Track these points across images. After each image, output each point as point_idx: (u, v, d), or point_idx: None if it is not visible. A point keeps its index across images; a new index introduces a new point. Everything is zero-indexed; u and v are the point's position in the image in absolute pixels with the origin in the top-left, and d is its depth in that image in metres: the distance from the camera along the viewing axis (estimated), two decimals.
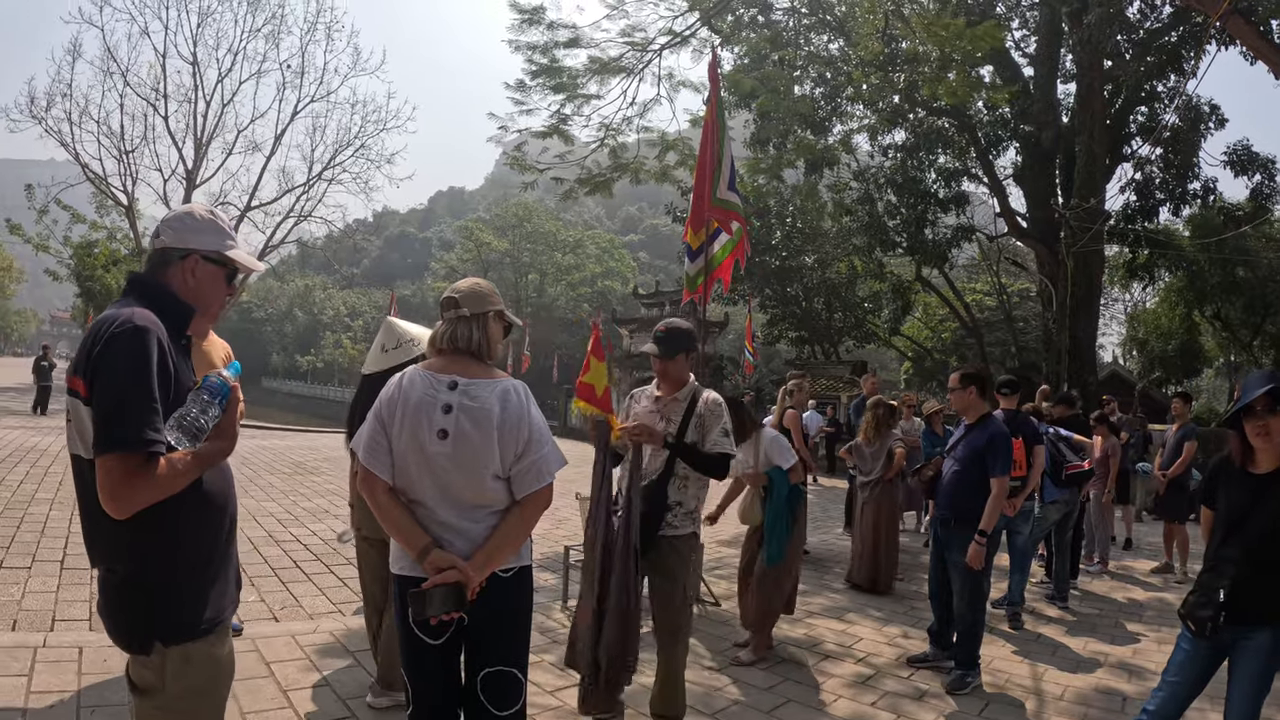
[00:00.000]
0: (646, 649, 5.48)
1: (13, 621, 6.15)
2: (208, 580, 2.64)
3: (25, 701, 4.75)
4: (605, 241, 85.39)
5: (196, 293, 2.80)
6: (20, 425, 20.29)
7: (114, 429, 2.37)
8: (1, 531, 8.76)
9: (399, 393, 3.21)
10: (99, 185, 38.85)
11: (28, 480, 11.98)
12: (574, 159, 18.10)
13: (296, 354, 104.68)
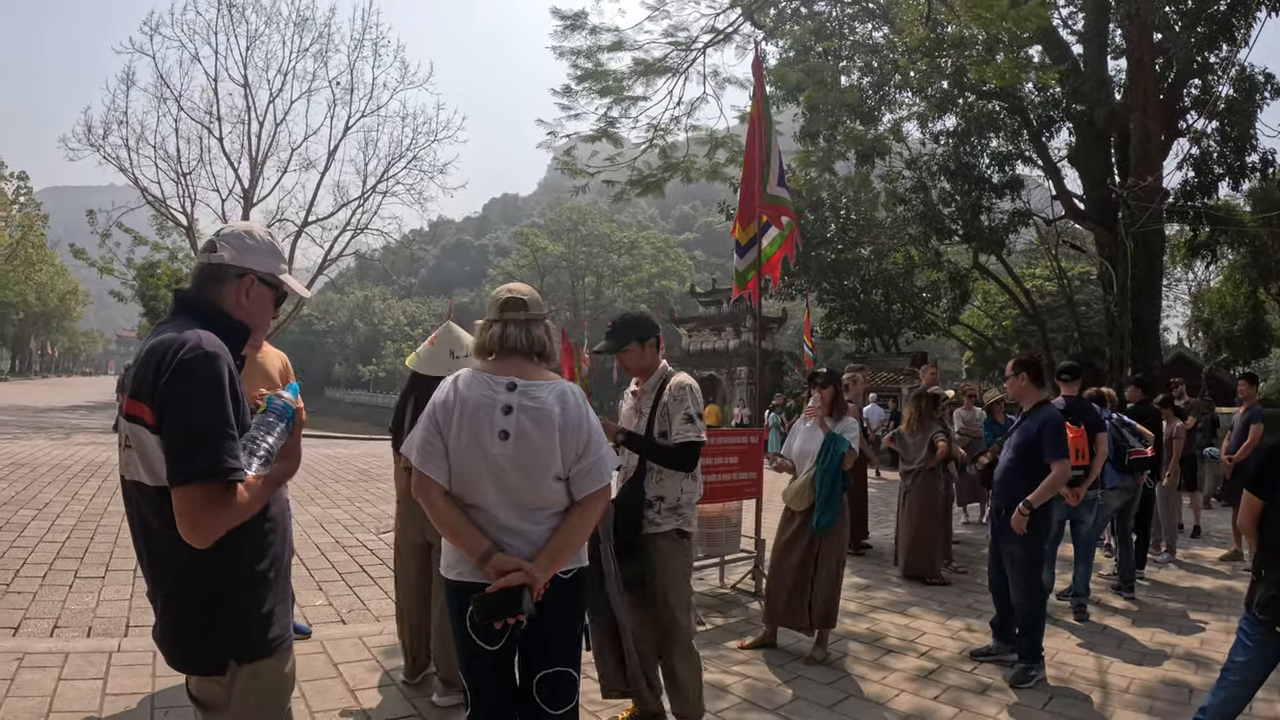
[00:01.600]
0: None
1: (88, 628, 6.35)
2: (274, 598, 2.65)
3: (101, 704, 4.91)
4: (660, 241, 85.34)
5: (248, 313, 2.77)
6: (91, 441, 20.76)
7: (194, 459, 2.34)
8: (76, 543, 9.03)
9: (454, 395, 3.16)
10: (158, 208, 39.70)
11: (100, 494, 12.29)
12: (624, 161, 18.16)
13: (358, 364, 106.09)
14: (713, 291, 41.88)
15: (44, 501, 11.38)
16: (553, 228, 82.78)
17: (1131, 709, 5.74)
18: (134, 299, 46.02)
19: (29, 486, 12.64)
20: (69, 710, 4.80)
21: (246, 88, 40.48)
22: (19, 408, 34.10)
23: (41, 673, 5.29)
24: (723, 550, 8.73)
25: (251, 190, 40.17)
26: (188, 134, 40.76)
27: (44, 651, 5.70)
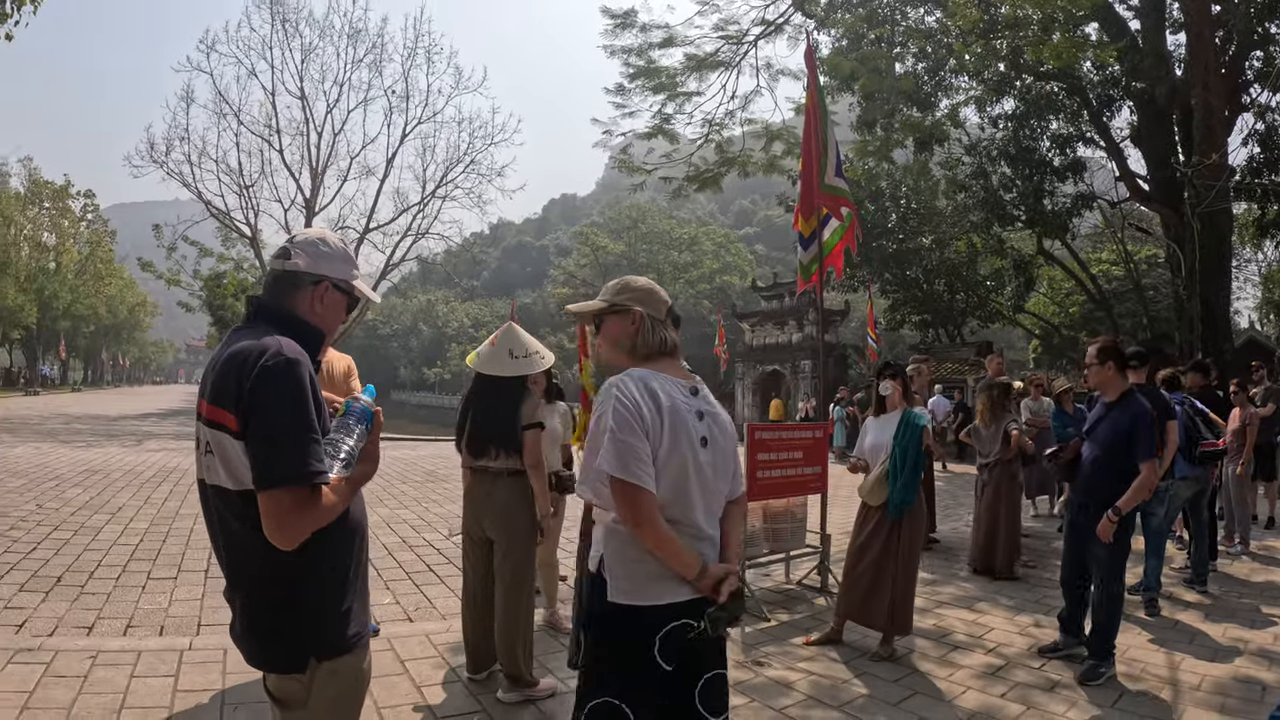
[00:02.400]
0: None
1: (160, 627, 6.51)
2: (352, 596, 2.68)
3: (172, 700, 5.01)
4: (720, 237, 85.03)
5: (322, 319, 2.80)
6: (162, 448, 21.29)
7: (281, 464, 2.37)
8: (149, 545, 9.27)
9: (658, 399, 2.95)
10: (222, 220, 40.53)
11: (171, 498, 12.61)
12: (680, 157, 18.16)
13: (423, 366, 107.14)
14: (774, 285, 41.64)
15: (117, 506, 11.70)
16: (612, 226, 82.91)
17: (1203, 707, 5.57)
18: (201, 309, 47.03)
19: (103, 492, 13.00)
20: (140, 706, 4.90)
21: (304, 100, 41.18)
22: (92, 416, 34.84)
23: (115, 670, 5.41)
24: (788, 546, 8.60)
25: (313, 199, 40.80)
26: (248, 147, 41.78)
27: (117, 650, 5.82)
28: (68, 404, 47.49)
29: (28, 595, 7.17)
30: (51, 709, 4.79)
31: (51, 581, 7.61)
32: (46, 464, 16.48)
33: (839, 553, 8.95)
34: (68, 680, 5.21)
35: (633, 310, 3.13)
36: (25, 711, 4.75)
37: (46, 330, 74.75)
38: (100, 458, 18.12)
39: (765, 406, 37.62)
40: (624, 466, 2.80)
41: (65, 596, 7.18)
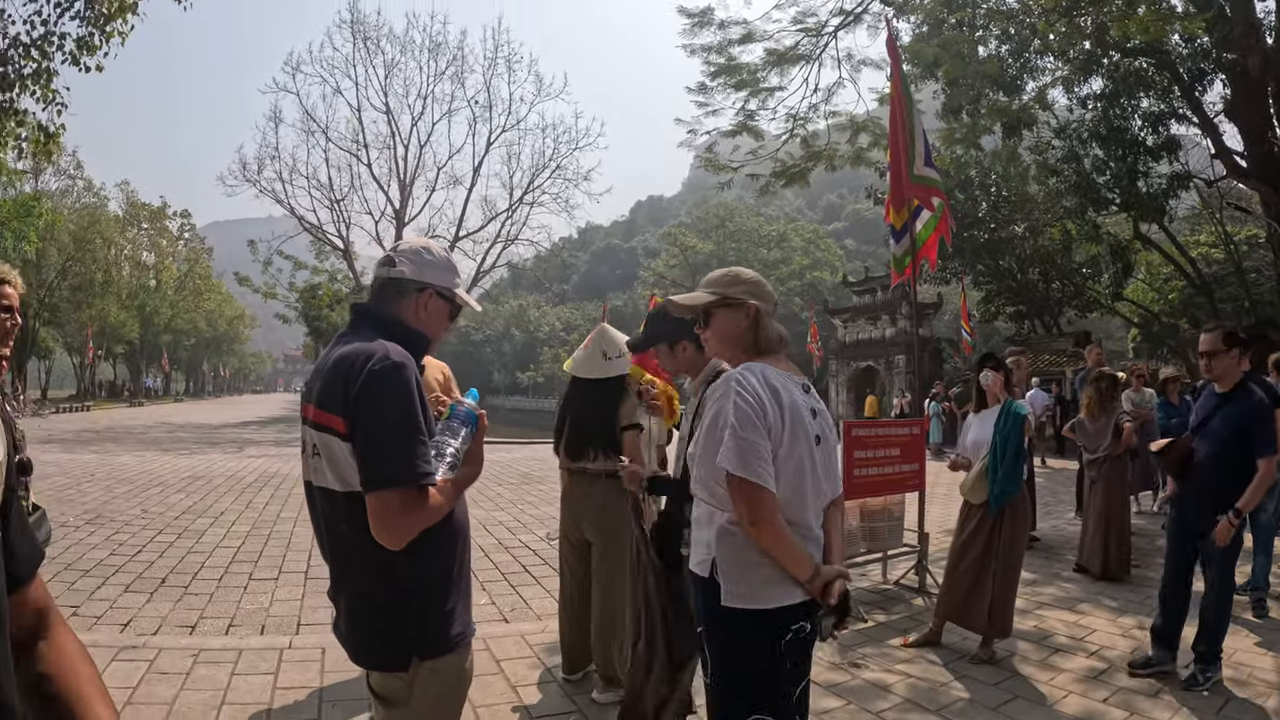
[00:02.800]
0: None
1: (261, 626, 6.67)
2: (456, 596, 2.70)
3: (271, 697, 5.12)
4: (809, 232, 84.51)
5: (426, 325, 2.83)
6: (262, 454, 21.81)
7: (390, 466, 2.41)
8: (251, 547, 9.49)
9: (779, 395, 2.88)
10: (315, 234, 41.68)
11: (272, 502, 12.90)
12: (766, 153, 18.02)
13: (516, 371, 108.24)
14: (865, 280, 41.21)
15: (220, 510, 12.00)
16: (700, 226, 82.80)
17: None
18: (298, 320, 48.12)
19: (205, 497, 13.35)
20: (240, 703, 5.01)
21: (389, 114, 42.15)
22: (195, 425, 35.84)
23: (216, 668, 5.54)
24: (885, 545, 8.45)
25: (403, 210, 41.65)
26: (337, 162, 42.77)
27: (219, 648, 5.96)
28: (170, 414, 49.02)
29: (133, 596, 7.39)
30: (154, 704, 4.92)
31: (156, 583, 7.83)
32: (151, 471, 16.99)
33: (937, 552, 8.82)
34: (170, 677, 5.34)
35: (747, 303, 3.08)
36: (129, 706, 4.88)
37: (149, 344, 77.42)
38: (203, 464, 18.62)
39: (860, 403, 37.31)
40: (745, 464, 2.73)
41: (169, 597, 7.38)
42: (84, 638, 5.60)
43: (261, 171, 40.93)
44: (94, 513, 11.44)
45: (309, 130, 43.17)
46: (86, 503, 12.30)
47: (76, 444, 23.83)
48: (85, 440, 25.47)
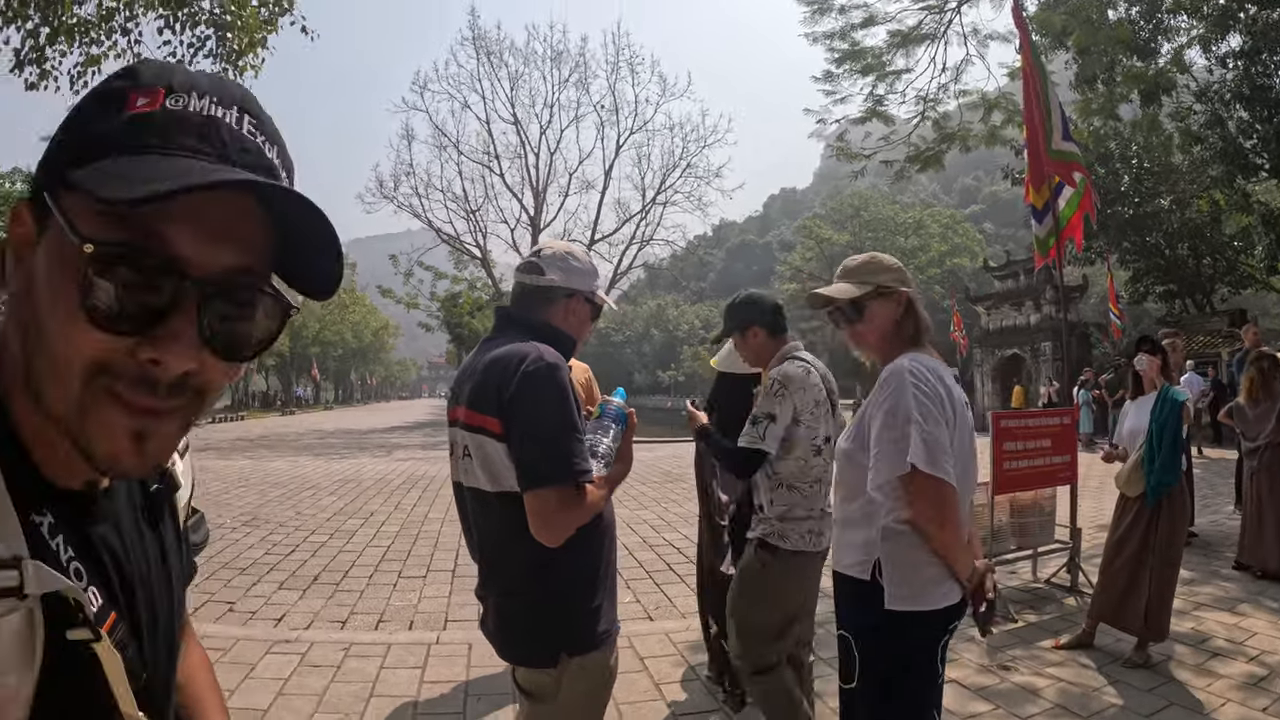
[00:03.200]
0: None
1: (410, 622, 6.80)
2: (603, 594, 2.71)
3: (419, 690, 5.24)
4: (946, 218, 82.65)
5: (572, 329, 2.86)
6: (410, 457, 22.37)
7: (548, 464, 2.43)
8: (400, 546, 9.73)
9: (949, 387, 2.84)
10: (453, 244, 42.72)
11: (420, 503, 13.21)
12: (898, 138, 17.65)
13: (657, 370, 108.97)
14: (1007, 264, 40.09)
15: (369, 511, 12.35)
16: (834, 217, 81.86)
17: None
18: (440, 328, 49.37)
19: (356, 499, 13.78)
20: (389, 695, 5.13)
21: (517, 124, 42.84)
22: (344, 431, 36.87)
23: (365, 661, 5.69)
24: (1036, 541, 8.07)
25: (537, 217, 42.28)
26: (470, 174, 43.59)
27: (368, 642, 6.14)
28: (320, 421, 50.64)
29: (286, 593, 7.64)
30: (306, 695, 5.08)
31: (309, 580, 8.08)
32: (303, 475, 17.63)
33: (1089, 549, 8.43)
34: (321, 670, 5.52)
35: (899, 291, 2.99)
36: (281, 697, 5.06)
37: (299, 356, 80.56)
38: (352, 468, 19.19)
39: (1006, 394, 36.24)
40: (933, 460, 2.66)
41: (321, 594, 7.61)
42: (239, 632, 5.87)
43: (398, 188, 41.99)
44: (250, 515, 11.89)
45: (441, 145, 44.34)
46: (243, 506, 12.80)
47: (232, 451, 24.76)
48: (240, 448, 26.45)
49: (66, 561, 0.82)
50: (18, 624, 0.72)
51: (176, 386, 0.80)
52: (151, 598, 0.98)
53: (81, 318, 0.75)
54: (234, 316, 0.84)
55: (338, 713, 4.89)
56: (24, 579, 0.72)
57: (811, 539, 3.85)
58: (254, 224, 0.84)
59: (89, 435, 0.78)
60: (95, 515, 0.90)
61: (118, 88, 0.84)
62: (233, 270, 0.82)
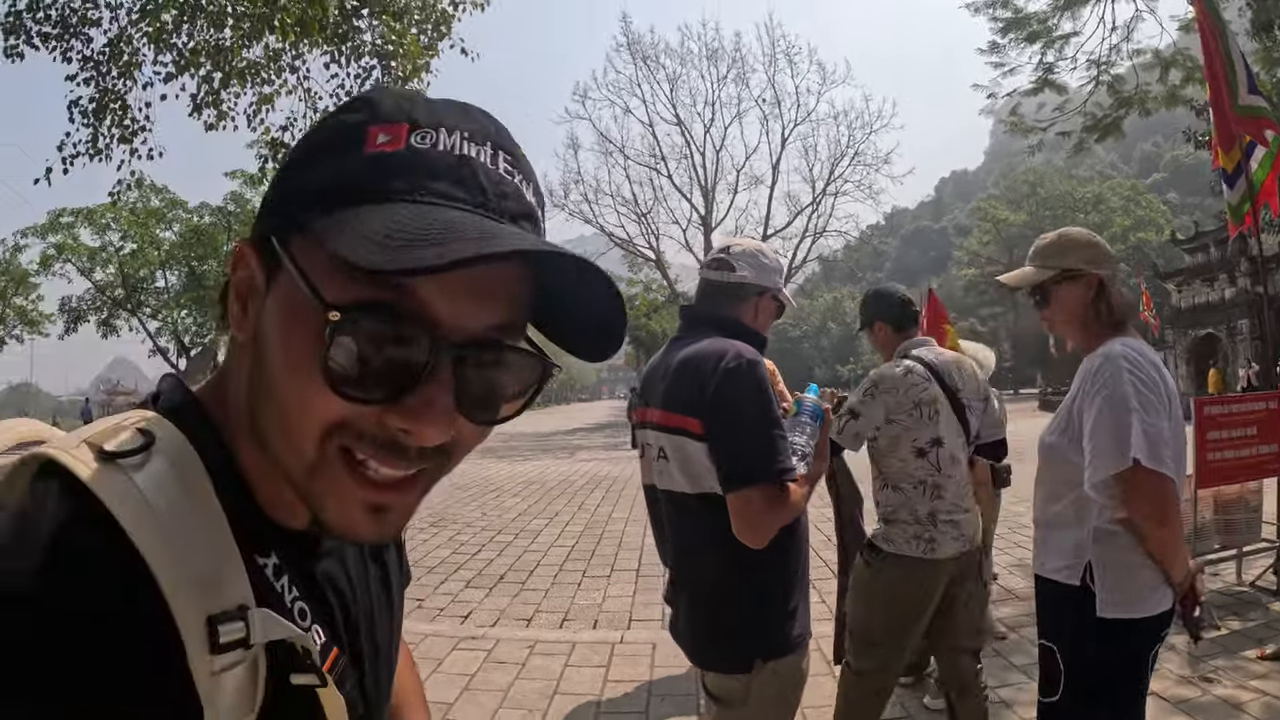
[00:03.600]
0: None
1: (594, 620, 6.90)
2: (798, 596, 2.65)
3: (602, 689, 5.31)
4: (1127, 189, 79.04)
5: (761, 327, 2.82)
6: (593, 458, 22.80)
7: (753, 463, 2.38)
8: (584, 546, 9.88)
9: (1160, 374, 2.67)
10: (626, 248, 43.16)
11: (603, 503, 13.41)
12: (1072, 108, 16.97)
13: (836, 364, 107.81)
14: (1196, 236, 38.19)
15: (554, 512, 12.61)
16: (1009, 196, 79.11)
17: None
18: None
19: (540, 499, 14.09)
20: (573, 693, 5.22)
21: (680, 125, 43.12)
22: (526, 434, 37.58)
23: (550, 659, 5.81)
24: (1241, 540, 7.51)
25: (708, 216, 42.39)
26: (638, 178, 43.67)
27: (553, 640, 6.26)
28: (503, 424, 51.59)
29: (473, 591, 7.86)
30: (491, 690, 5.22)
31: (495, 579, 8.30)
32: (488, 476, 18.13)
33: None
34: (507, 666, 5.66)
35: (1088, 274, 2.82)
36: (467, 692, 5.22)
37: None
38: (536, 469, 19.65)
39: (1200, 377, 34.42)
40: (1155, 454, 2.49)
41: (507, 592, 7.80)
42: (427, 628, 6.05)
43: (568, 195, 42.79)
44: (436, 516, 12.27)
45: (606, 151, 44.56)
46: (429, 507, 13.11)
47: None
48: None
49: (291, 602, 0.79)
50: (242, 674, 0.69)
51: (425, 453, 0.73)
52: (373, 629, 0.96)
53: (320, 381, 0.68)
54: (492, 380, 0.75)
55: (521, 709, 4.99)
56: (250, 629, 0.68)
57: (920, 545, 3.70)
58: (520, 282, 0.75)
59: (321, 500, 0.73)
60: (319, 552, 0.88)
61: (353, 122, 0.75)
62: (494, 328, 0.73)
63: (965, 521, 3.75)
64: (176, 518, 0.68)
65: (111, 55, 11.31)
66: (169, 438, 0.73)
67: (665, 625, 2.75)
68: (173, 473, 0.71)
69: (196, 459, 0.73)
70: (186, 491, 0.70)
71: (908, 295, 4.18)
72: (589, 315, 0.80)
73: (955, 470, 3.74)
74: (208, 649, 0.65)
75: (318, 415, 0.69)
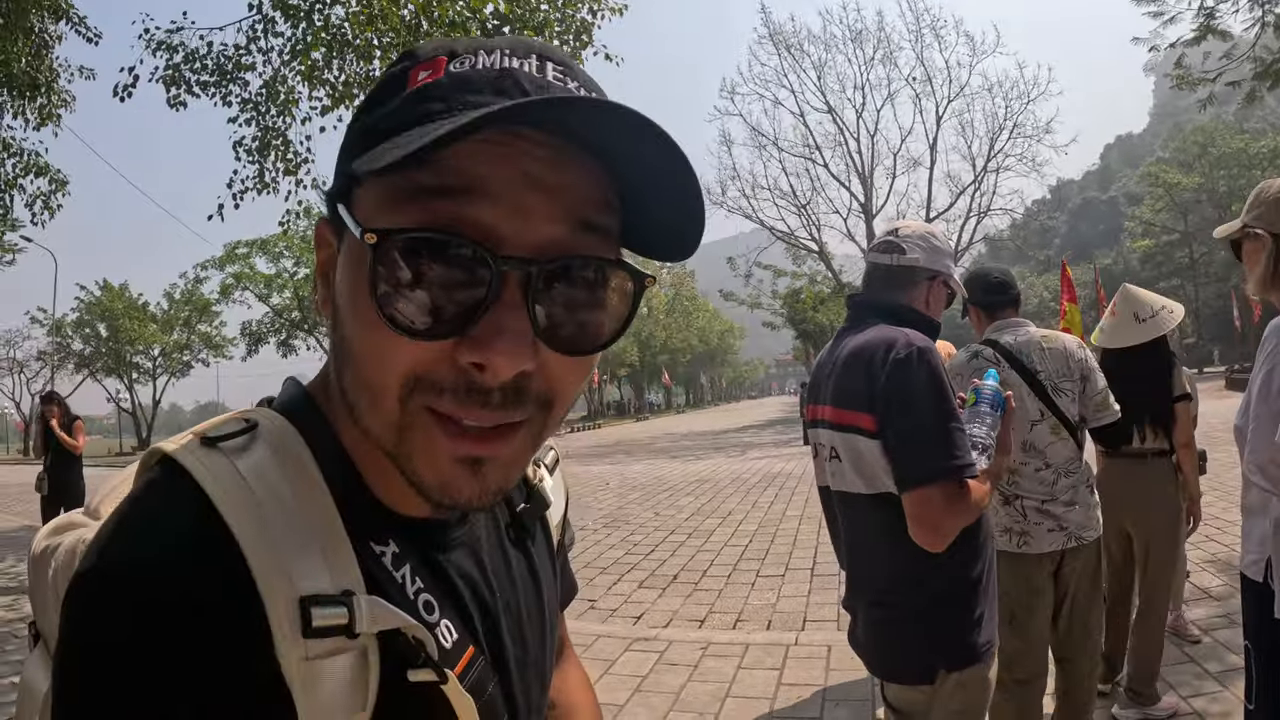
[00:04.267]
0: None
1: (767, 622, 6.70)
2: (986, 601, 2.47)
3: (775, 692, 5.12)
4: None
5: (934, 313, 2.66)
6: (765, 456, 22.47)
7: (929, 460, 2.25)
8: (757, 545, 9.67)
9: None
10: (787, 240, 42.73)
11: (777, 501, 13.17)
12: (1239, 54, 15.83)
13: None
14: None
15: (727, 510, 12.46)
16: (1179, 159, 74.07)
17: None
18: (784, 325, 49.78)
19: (713, 498, 13.96)
20: (745, 696, 5.06)
21: (831, 112, 42.43)
22: (697, 433, 37.73)
23: (723, 661, 5.67)
24: None
25: (868, 203, 41.67)
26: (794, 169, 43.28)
27: (725, 642, 6.12)
28: (673, 425, 52.17)
29: (646, 591, 7.80)
30: (662, 692, 5.13)
31: (667, 579, 8.21)
32: (660, 476, 18.17)
33: None
34: (678, 668, 5.56)
35: (1258, 234, 2.55)
36: (638, 693, 5.15)
37: (648, 365, 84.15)
38: (708, 468, 19.54)
39: None
40: None
41: (680, 593, 7.70)
42: (599, 629, 6.01)
43: (725, 192, 42.59)
44: (610, 516, 12.37)
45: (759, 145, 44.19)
46: (603, 508, 13.31)
47: (591, 457, 25.92)
48: (599, 453, 27.69)
49: (414, 594, 0.74)
50: (348, 665, 0.65)
51: (514, 394, 0.66)
52: (520, 627, 0.90)
53: (382, 324, 0.63)
54: (573, 299, 0.67)
55: (692, 711, 4.89)
56: (354, 616, 0.65)
57: (1012, 538, 3.57)
58: (579, 180, 0.66)
59: (413, 462, 0.67)
60: (447, 543, 0.82)
61: (397, 71, 0.72)
62: (564, 238, 0.66)
63: (1067, 515, 3.54)
64: (274, 499, 0.67)
65: (269, 95, 12.22)
66: (273, 425, 0.73)
67: (840, 628, 2.58)
68: (274, 457, 0.70)
69: (301, 444, 0.73)
70: (287, 475, 0.69)
71: (1003, 277, 4.00)
72: (665, 205, 0.70)
73: (1034, 458, 3.56)
74: (300, 632, 0.62)
75: (390, 365, 0.65)
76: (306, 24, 11.03)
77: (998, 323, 3.81)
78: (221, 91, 12.05)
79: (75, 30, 12.52)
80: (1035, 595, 3.55)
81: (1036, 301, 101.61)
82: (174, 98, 11.92)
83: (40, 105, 12.25)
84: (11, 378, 62.18)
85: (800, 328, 47.21)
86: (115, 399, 58.34)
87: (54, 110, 12.55)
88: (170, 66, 11.81)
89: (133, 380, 56.52)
